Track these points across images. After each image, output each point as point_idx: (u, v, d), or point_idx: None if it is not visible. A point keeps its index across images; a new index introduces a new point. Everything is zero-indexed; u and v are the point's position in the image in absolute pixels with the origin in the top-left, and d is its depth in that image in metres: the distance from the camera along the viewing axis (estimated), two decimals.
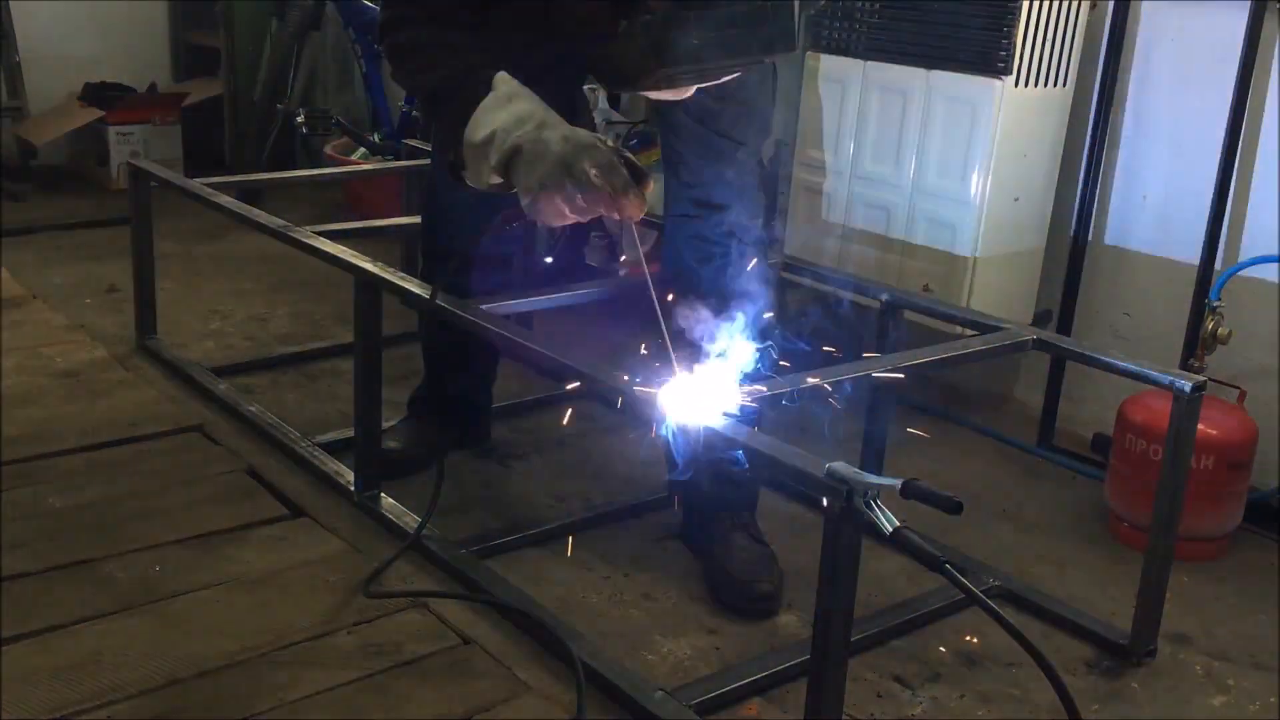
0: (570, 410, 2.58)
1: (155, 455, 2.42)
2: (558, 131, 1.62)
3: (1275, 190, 2.45)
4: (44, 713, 1.63)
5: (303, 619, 1.89)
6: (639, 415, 1.68)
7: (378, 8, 4.17)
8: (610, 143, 1.63)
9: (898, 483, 1.40)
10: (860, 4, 2.73)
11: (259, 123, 4.48)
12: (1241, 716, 1.88)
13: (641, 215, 1.61)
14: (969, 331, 2.20)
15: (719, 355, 2.09)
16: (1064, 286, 2.81)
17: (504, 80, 1.71)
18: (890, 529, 1.38)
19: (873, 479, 1.39)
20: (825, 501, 1.42)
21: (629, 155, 1.62)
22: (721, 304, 2.08)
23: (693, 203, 2.09)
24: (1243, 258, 2.46)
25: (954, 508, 1.37)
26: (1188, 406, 1.84)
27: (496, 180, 1.69)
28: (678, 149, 2.09)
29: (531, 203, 1.62)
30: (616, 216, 1.60)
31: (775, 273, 2.68)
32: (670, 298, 2.15)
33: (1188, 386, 1.84)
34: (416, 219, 2.60)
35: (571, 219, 1.64)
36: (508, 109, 1.66)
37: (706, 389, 1.69)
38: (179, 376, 2.86)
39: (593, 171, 1.56)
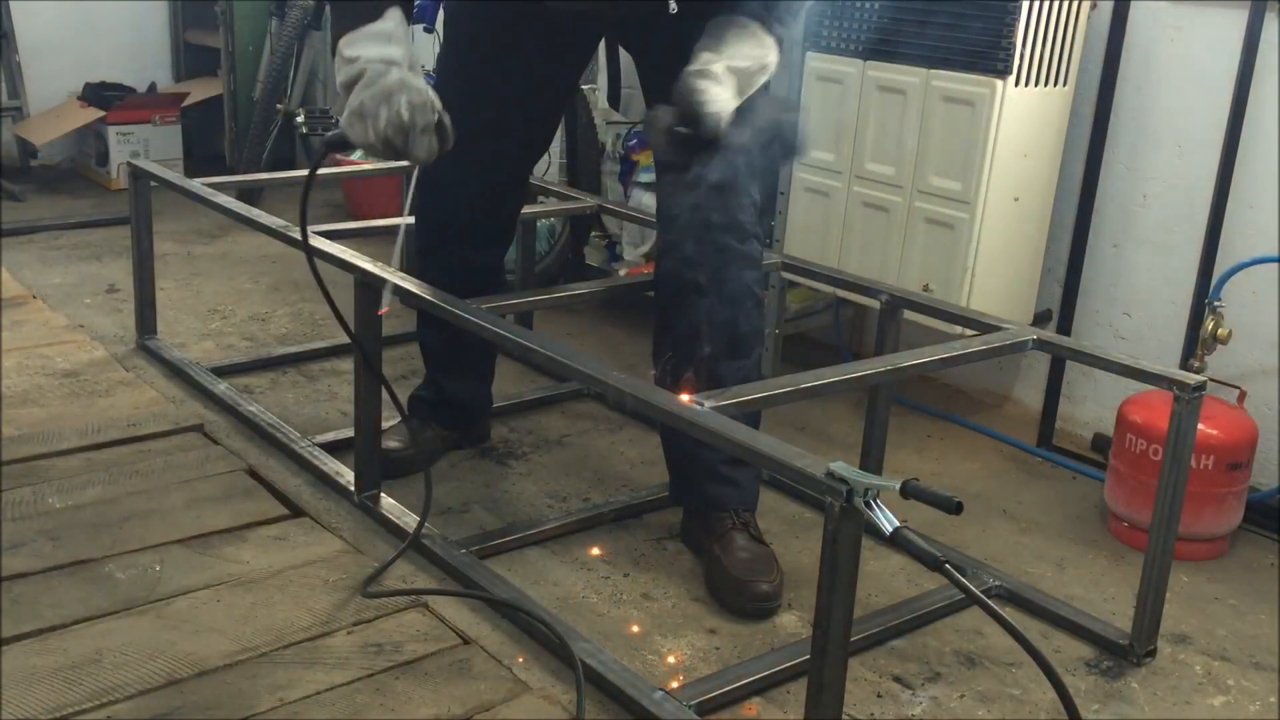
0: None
1: (155, 455, 2.42)
2: (401, 72, 1.82)
3: (1275, 190, 2.45)
4: (44, 713, 1.63)
5: (303, 619, 1.89)
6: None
7: None
8: (438, 106, 1.80)
9: (897, 483, 1.40)
10: (860, 4, 2.73)
11: (259, 123, 4.48)
12: (1241, 716, 1.88)
13: (423, 161, 1.80)
14: (969, 331, 2.20)
15: (712, 354, 2.11)
16: (1064, 286, 2.81)
17: (393, 17, 1.88)
18: (890, 529, 1.38)
19: (872, 479, 1.39)
20: (826, 501, 1.42)
21: (447, 122, 1.81)
22: (717, 304, 2.09)
23: (690, 203, 2.08)
24: (1243, 258, 2.46)
25: (953, 508, 1.38)
26: (1188, 406, 1.84)
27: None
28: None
29: (348, 116, 1.82)
30: (407, 158, 1.79)
31: (774, 273, 2.69)
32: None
33: (1188, 386, 1.84)
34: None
35: (372, 143, 1.80)
36: (382, 46, 1.85)
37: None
38: (179, 376, 2.86)
39: (403, 105, 1.76)
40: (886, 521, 1.38)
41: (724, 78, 1.79)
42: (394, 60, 1.84)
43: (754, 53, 1.84)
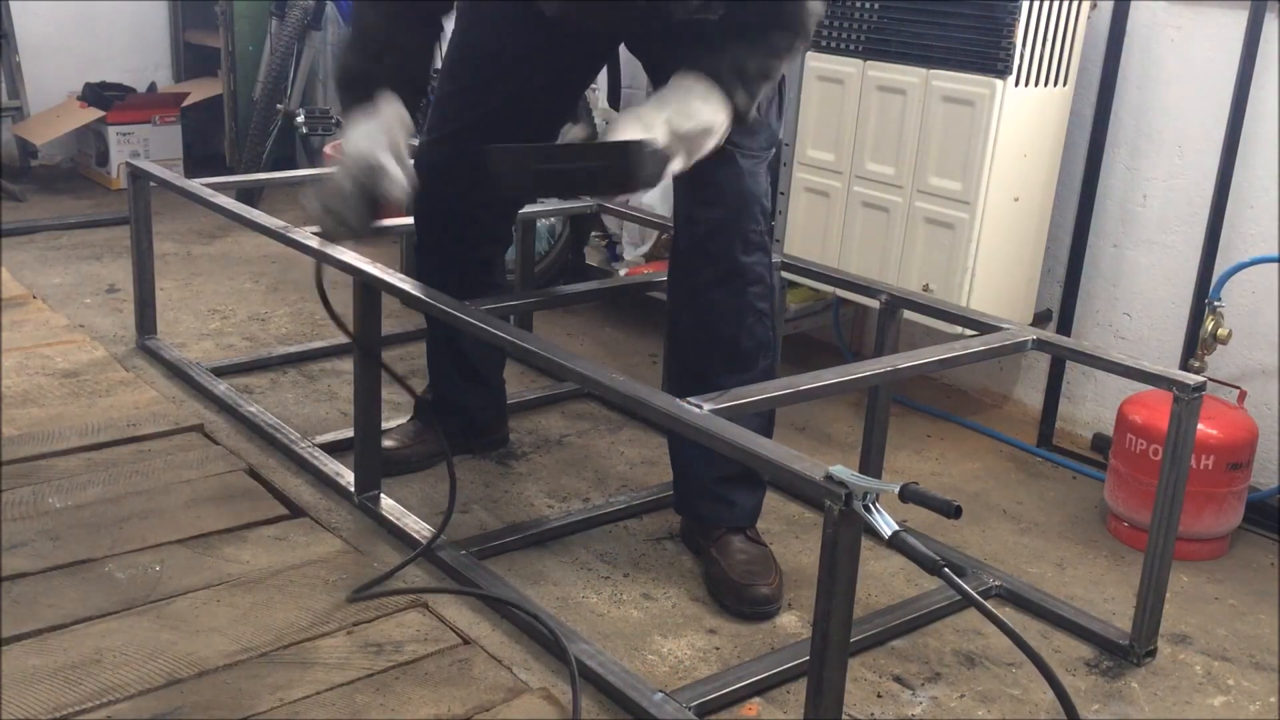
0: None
1: (155, 455, 2.42)
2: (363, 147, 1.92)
3: (1275, 190, 2.45)
4: (44, 713, 1.63)
5: (303, 619, 1.89)
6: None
7: None
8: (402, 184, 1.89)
9: (896, 486, 1.40)
10: (860, 4, 2.73)
11: (259, 123, 4.48)
12: (1241, 716, 1.88)
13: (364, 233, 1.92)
14: (969, 331, 2.20)
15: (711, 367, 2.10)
16: (1064, 286, 2.81)
17: (383, 98, 1.96)
18: (889, 533, 1.38)
19: (871, 483, 1.38)
20: (825, 505, 1.42)
21: (404, 186, 1.89)
22: (717, 318, 2.08)
23: (699, 207, 2.07)
24: (1243, 258, 2.46)
25: (952, 512, 1.38)
26: (1188, 406, 1.84)
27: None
28: None
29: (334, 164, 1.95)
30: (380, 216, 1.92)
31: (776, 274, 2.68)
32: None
33: (1188, 386, 1.84)
34: None
35: (346, 194, 1.90)
36: (366, 122, 1.94)
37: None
38: (179, 376, 2.86)
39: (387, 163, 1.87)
40: (885, 525, 1.38)
41: (657, 127, 1.76)
42: (372, 137, 1.92)
43: (701, 113, 1.79)
